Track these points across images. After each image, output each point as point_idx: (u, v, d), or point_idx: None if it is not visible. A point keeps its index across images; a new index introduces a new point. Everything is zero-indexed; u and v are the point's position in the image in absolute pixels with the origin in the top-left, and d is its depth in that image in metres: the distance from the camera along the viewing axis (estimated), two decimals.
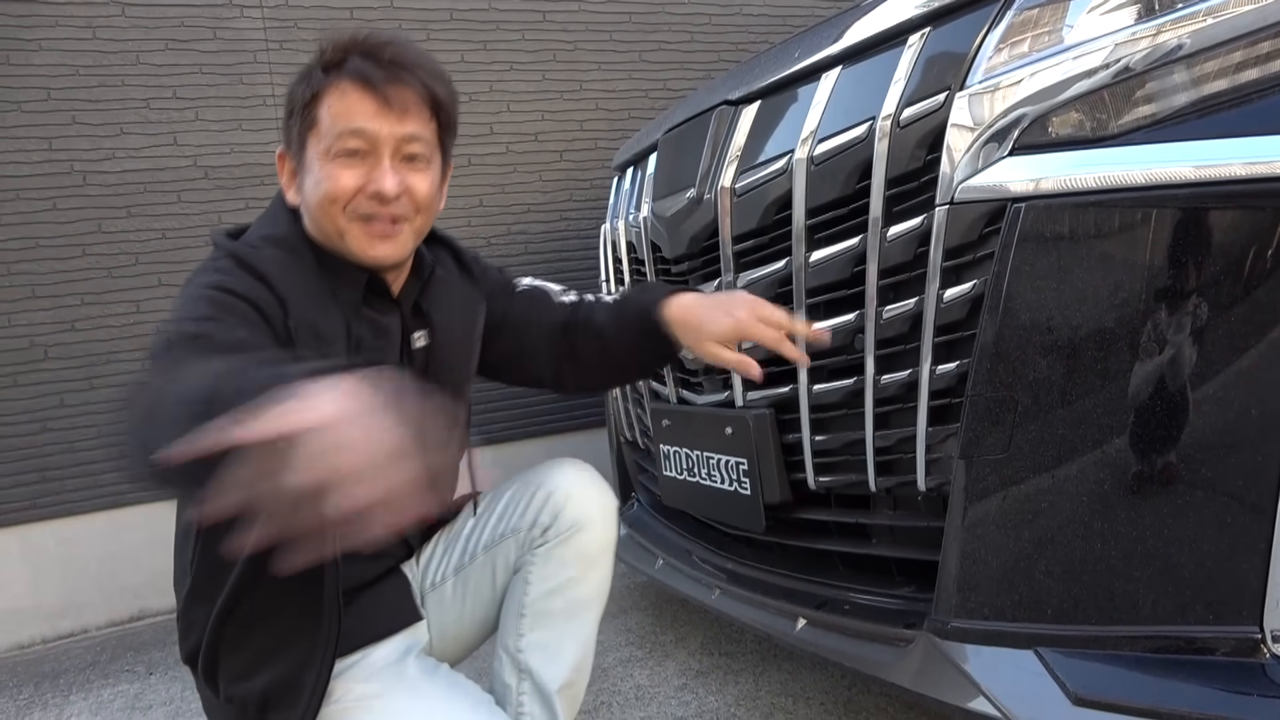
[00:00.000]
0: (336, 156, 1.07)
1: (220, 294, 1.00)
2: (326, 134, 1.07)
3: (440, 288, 1.26)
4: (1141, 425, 1.01)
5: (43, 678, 2.34)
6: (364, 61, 1.07)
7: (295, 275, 1.07)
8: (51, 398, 2.66)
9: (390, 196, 1.08)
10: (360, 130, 1.06)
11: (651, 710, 1.72)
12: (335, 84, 1.07)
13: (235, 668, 1.13)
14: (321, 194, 1.08)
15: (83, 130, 2.68)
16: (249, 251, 1.07)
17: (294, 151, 1.12)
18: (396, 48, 1.10)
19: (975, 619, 1.12)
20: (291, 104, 1.11)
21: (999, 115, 1.11)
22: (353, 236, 1.09)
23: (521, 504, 1.27)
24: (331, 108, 1.07)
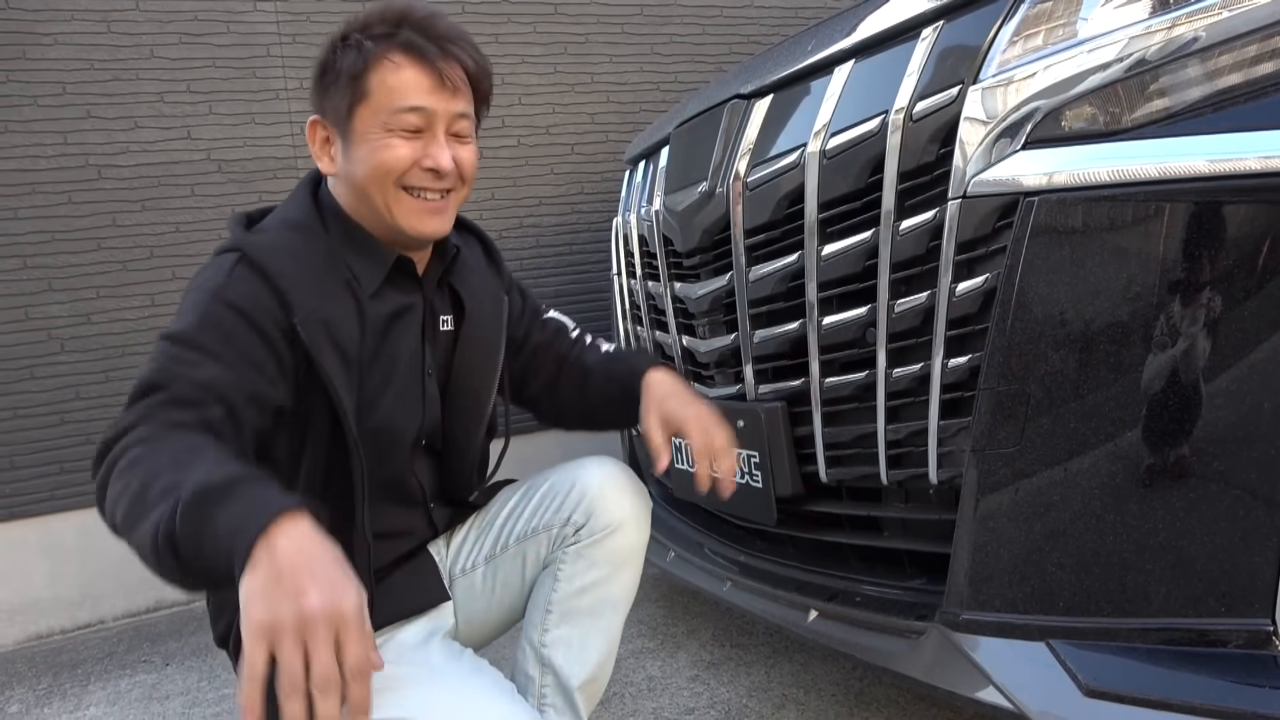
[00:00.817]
0: (394, 130, 1.08)
1: (214, 307, 1.01)
2: (382, 108, 1.07)
3: (467, 271, 1.27)
4: (1154, 418, 1.02)
5: (61, 668, 2.37)
6: (417, 35, 1.08)
7: (304, 262, 1.08)
8: (68, 390, 2.69)
9: (447, 172, 1.11)
10: (419, 107, 1.07)
11: (663, 701, 1.73)
12: (388, 56, 1.07)
13: None
14: (376, 165, 1.08)
15: (98, 124, 2.70)
16: (256, 244, 1.06)
17: (336, 121, 1.11)
18: (445, 22, 1.11)
19: (987, 611, 1.12)
20: (334, 73, 1.09)
21: (1012, 109, 1.11)
22: (403, 210, 1.11)
23: (557, 500, 1.27)
24: (387, 81, 1.07)
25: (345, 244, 1.13)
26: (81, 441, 2.70)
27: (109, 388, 2.72)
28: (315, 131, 1.14)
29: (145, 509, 0.83)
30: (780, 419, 1.48)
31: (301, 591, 0.72)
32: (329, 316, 1.06)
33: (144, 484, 0.85)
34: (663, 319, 1.87)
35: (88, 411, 2.70)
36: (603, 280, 3.30)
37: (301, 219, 1.13)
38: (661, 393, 1.23)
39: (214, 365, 0.98)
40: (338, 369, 1.06)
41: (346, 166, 1.11)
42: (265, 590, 0.73)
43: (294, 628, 0.72)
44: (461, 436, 1.26)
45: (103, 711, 2.02)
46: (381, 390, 1.14)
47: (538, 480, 1.32)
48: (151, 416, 0.93)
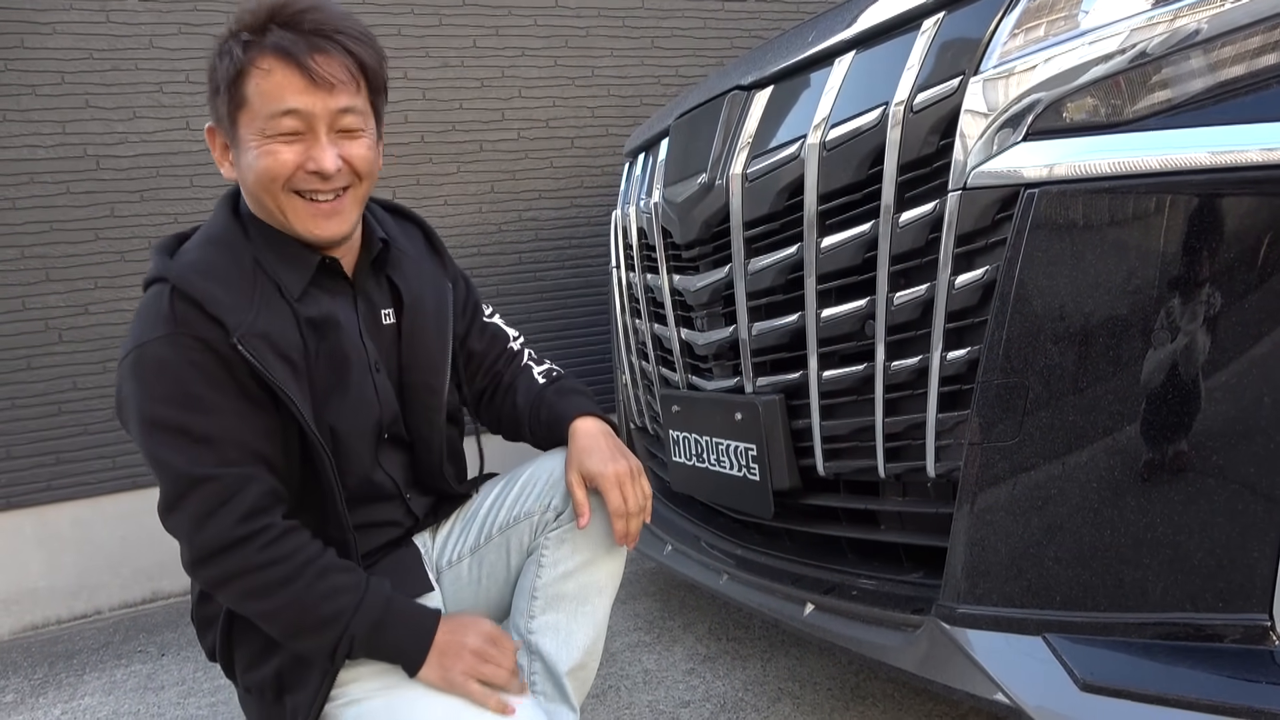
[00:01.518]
0: (272, 136, 1.05)
1: (180, 369, 1.02)
2: (258, 114, 1.05)
3: (406, 262, 1.27)
4: (1153, 413, 1.01)
5: (57, 658, 2.37)
6: (285, 32, 1.04)
7: (229, 279, 1.07)
8: (65, 380, 2.68)
9: (331, 173, 1.07)
10: (293, 110, 1.04)
11: (659, 694, 1.73)
12: (259, 59, 1.04)
13: (248, 656, 1.16)
14: (260, 172, 1.06)
15: (96, 114, 2.69)
16: (179, 272, 1.05)
17: (225, 128, 1.10)
18: (317, 13, 1.06)
19: (983, 605, 1.12)
20: (215, 80, 1.07)
21: (1013, 100, 1.10)
22: (295, 214, 1.09)
23: (537, 487, 1.28)
24: (259, 85, 1.04)
25: (267, 250, 1.12)
26: (79, 432, 2.69)
27: (106, 378, 2.72)
28: (214, 138, 1.12)
29: (312, 629, 1.05)
30: (778, 412, 1.47)
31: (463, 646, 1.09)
32: (265, 328, 1.06)
33: (303, 606, 1.05)
34: (661, 311, 1.87)
35: (85, 402, 2.70)
36: (602, 274, 3.29)
37: (221, 233, 1.12)
38: (583, 447, 1.23)
39: (225, 427, 1.03)
40: (287, 377, 1.07)
41: (240, 173, 1.11)
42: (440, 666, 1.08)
43: (473, 665, 1.08)
44: (423, 426, 1.27)
45: (98, 701, 2.02)
46: (332, 390, 1.15)
47: (519, 470, 1.32)
48: (240, 529, 1.02)
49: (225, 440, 1.03)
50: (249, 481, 1.04)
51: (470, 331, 1.39)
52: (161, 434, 1.02)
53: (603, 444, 1.24)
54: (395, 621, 1.08)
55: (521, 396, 1.36)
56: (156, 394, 1.02)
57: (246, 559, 1.02)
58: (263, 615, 1.06)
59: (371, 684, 1.11)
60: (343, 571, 1.08)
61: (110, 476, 2.73)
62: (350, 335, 1.18)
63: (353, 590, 1.07)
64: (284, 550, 1.04)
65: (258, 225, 1.13)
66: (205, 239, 1.13)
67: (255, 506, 1.03)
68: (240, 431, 1.05)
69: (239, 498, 1.03)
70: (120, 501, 2.75)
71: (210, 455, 1.03)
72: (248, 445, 1.05)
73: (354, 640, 1.06)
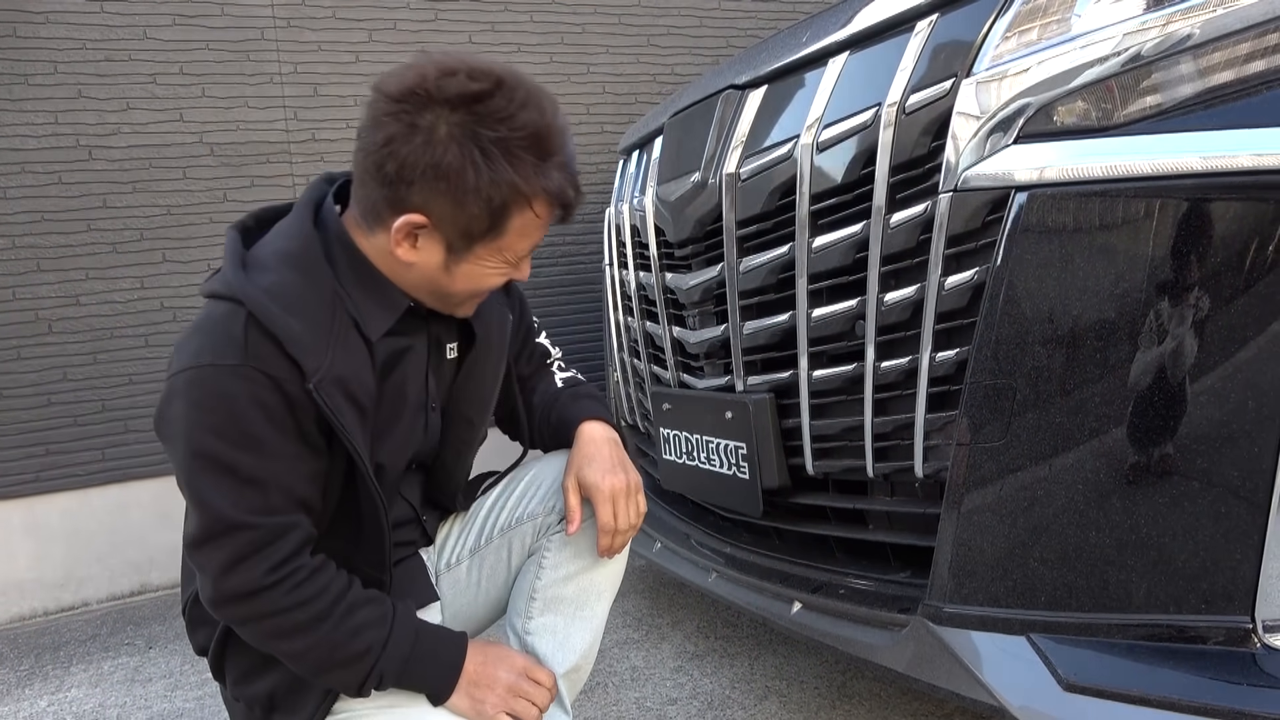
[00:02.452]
0: (509, 262, 1.06)
1: (242, 405, 0.96)
2: (510, 247, 1.04)
3: None
4: (1139, 416, 1.02)
5: (43, 650, 2.36)
6: (563, 177, 1.01)
7: (309, 314, 1.00)
8: (55, 371, 2.67)
9: None
10: (539, 243, 1.08)
11: (646, 691, 1.73)
12: (537, 203, 1.00)
13: (241, 670, 1.14)
14: (481, 287, 1.08)
15: (89, 104, 2.68)
16: (259, 300, 0.97)
17: (451, 237, 1.01)
18: (571, 145, 1.04)
19: (970, 604, 1.12)
20: (463, 189, 0.97)
21: (1005, 103, 1.11)
22: (469, 308, 1.14)
23: (541, 489, 1.27)
24: (525, 224, 1.02)
25: (351, 281, 1.05)
26: (69, 423, 2.68)
27: (97, 369, 2.71)
28: (409, 224, 1.00)
29: (340, 665, 1.04)
30: (768, 410, 1.48)
31: (496, 680, 1.11)
32: (342, 372, 1.01)
33: (331, 645, 1.02)
34: (653, 309, 1.87)
35: (75, 393, 2.69)
36: (596, 272, 3.29)
37: (302, 252, 1.03)
38: (585, 454, 1.21)
39: (275, 471, 0.98)
40: (355, 423, 1.02)
41: (434, 269, 1.04)
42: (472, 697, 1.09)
43: (504, 699, 1.10)
44: (450, 458, 1.25)
45: (84, 693, 2.02)
46: (387, 428, 1.11)
47: (520, 472, 1.31)
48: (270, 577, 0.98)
49: (274, 486, 0.98)
50: (288, 530, 0.99)
51: (521, 356, 1.37)
52: (207, 468, 0.96)
53: (605, 453, 1.21)
54: (424, 654, 1.07)
55: (537, 397, 1.35)
56: (209, 425, 0.95)
57: (273, 602, 0.99)
58: (289, 654, 1.03)
59: (372, 701, 1.10)
60: (368, 605, 1.05)
61: (100, 468, 2.72)
62: (416, 375, 1.14)
63: (380, 624, 1.05)
64: (311, 591, 1.01)
65: (348, 252, 1.05)
66: (284, 256, 1.03)
67: (290, 554, 1.00)
68: (290, 475, 1.00)
69: (274, 547, 0.98)
70: (109, 494, 2.74)
71: (256, 500, 0.97)
72: (294, 491, 1.00)
73: (383, 675, 1.05)
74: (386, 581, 1.12)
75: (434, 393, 1.18)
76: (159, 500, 2.76)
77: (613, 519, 1.17)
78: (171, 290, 2.79)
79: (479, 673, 1.10)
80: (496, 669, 1.11)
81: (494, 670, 1.10)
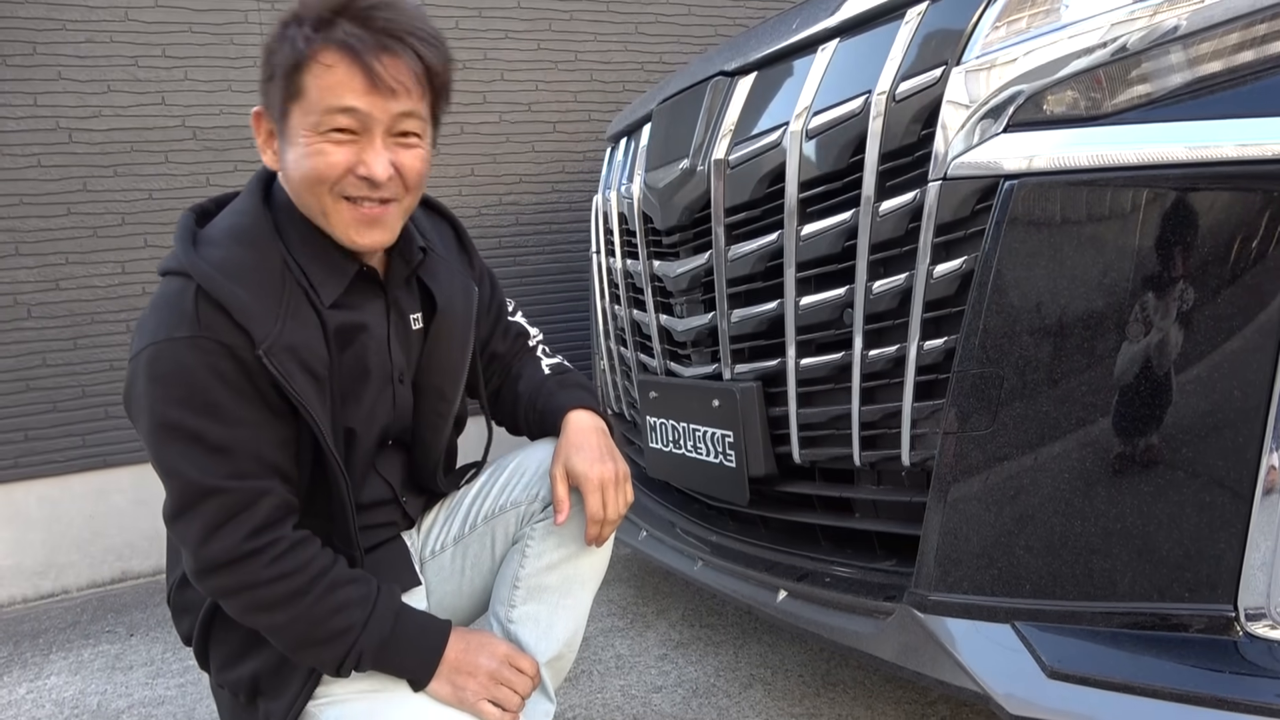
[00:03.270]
0: (325, 133, 1.00)
1: (199, 374, 0.98)
2: (313, 108, 1.00)
3: (439, 265, 1.23)
4: (1126, 405, 1.02)
5: (22, 637, 2.34)
6: (355, 28, 0.99)
7: (258, 283, 1.02)
8: (34, 357, 2.64)
9: (381, 181, 1.02)
10: (351, 109, 0.99)
11: (631, 679, 1.73)
12: (322, 52, 0.99)
13: (224, 655, 1.14)
14: (307, 171, 1.02)
15: (69, 86, 2.64)
16: (207, 273, 1.00)
17: (275, 117, 1.05)
18: (389, 11, 1.01)
19: (954, 593, 1.13)
20: (272, 66, 1.02)
21: (995, 92, 1.10)
22: (338, 219, 1.05)
23: (525, 477, 1.26)
24: (319, 79, 0.99)
25: (303, 251, 1.07)
26: (48, 409, 2.65)
27: (77, 355, 2.68)
28: (260, 124, 1.07)
29: (319, 642, 1.04)
30: (755, 399, 1.48)
31: (478, 667, 1.10)
32: (293, 341, 1.02)
33: (311, 620, 1.03)
34: (640, 298, 1.86)
35: (55, 379, 2.66)
36: (582, 260, 3.28)
37: (250, 226, 1.06)
38: (573, 442, 1.20)
39: (241, 437, 0.99)
40: (310, 391, 1.03)
41: (284, 166, 1.06)
42: (453, 684, 1.09)
43: (486, 686, 1.10)
44: (427, 432, 1.24)
45: (64, 681, 2.00)
46: (352, 401, 1.11)
47: (504, 460, 1.30)
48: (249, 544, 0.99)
49: (240, 451, 1.00)
50: (262, 495, 1.00)
51: (494, 333, 1.36)
52: (174, 439, 0.98)
53: (593, 441, 1.21)
54: (405, 637, 1.07)
55: (523, 384, 1.34)
56: (172, 397, 0.97)
57: (254, 573, 0.99)
58: (270, 628, 1.04)
59: (355, 685, 1.10)
60: (352, 584, 1.05)
61: (79, 455, 2.69)
62: (378, 346, 1.14)
63: (362, 604, 1.05)
64: (293, 564, 1.01)
65: (295, 222, 1.08)
66: (233, 231, 1.06)
67: (267, 520, 1.00)
68: (257, 442, 1.01)
69: (250, 511, 0.99)
70: (89, 480, 2.71)
71: (224, 466, 0.99)
72: (264, 457, 1.01)
73: (362, 655, 1.05)
74: (358, 558, 1.12)
75: (400, 364, 1.18)
76: (140, 486, 2.74)
77: (601, 508, 1.17)
78: (153, 275, 2.76)
79: (460, 659, 1.09)
80: (478, 656, 1.10)
81: (476, 657, 1.10)
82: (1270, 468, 0.97)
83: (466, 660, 1.09)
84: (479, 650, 1.11)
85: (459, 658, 1.09)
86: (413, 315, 1.20)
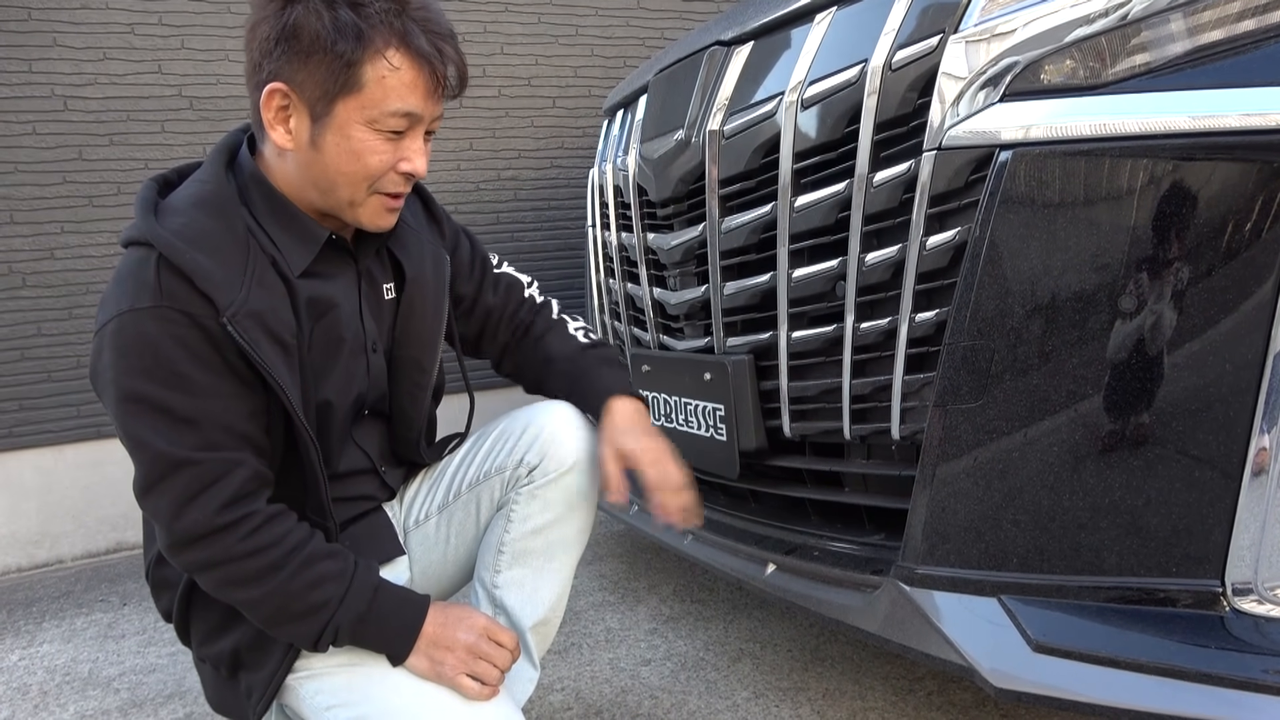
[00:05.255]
0: (381, 131, 1.02)
1: (164, 345, 0.96)
2: (373, 105, 1.00)
3: (408, 235, 1.22)
4: (1117, 381, 1.01)
5: (15, 605, 2.35)
6: (419, 30, 1.00)
7: (220, 250, 1.00)
8: (29, 326, 2.64)
9: (422, 176, 1.08)
10: (412, 113, 1.02)
11: (620, 652, 1.73)
12: (390, 51, 0.99)
13: (205, 629, 1.14)
14: (357, 165, 1.03)
15: (64, 53, 2.63)
16: (168, 240, 0.98)
17: (310, 99, 1.00)
18: (433, 11, 1.03)
19: (942, 566, 1.12)
20: (321, 47, 0.97)
21: (992, 60, 1.09)
22: (368, 210, 1.07)
23: (509, 443, 1.25)
24: (385, 78, 0.99)
25: (268, 218, 1.06)
26: (43, 378, 2.65)
27: (72, 324, 2.67)
28: (274, 99, 1.01)
29: (296, 618, 1.03)
30: (747, 372, 1.47)
31: (456, 641, 1.08)
32: (257, 307, 1.00)
33: (287, 595, 1.02)
34: (634, 270, 1.85)
35: (50, 348, 2.66)
36: (579, 236, 3.27)
37: (213, 194, 1.04)
38: (620, 425, 1.22)
39: (209, 408, 0.98)
40: (277, 360, 1.02)
41: (311, 150, 1.03)
42: (431, 658, 1.08)
43: (465, 660, 1.08)
44: (406, 403, 1.23)
45: (57, 649, 2.00)
46: (325, 371, 1.11)
47: (488, 428, 1.30)
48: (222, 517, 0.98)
49: (209, 422, 0.98)
50: (234, 467, 0.99)
51: (483, 288, 1.35)
52: (141, 411, 0.96)
53: (640, 422, 1.23)
54: (382, 612, 1.06)
55: (556, 349, 1.33)
56: (137, 368, 0.96)
57: (228, 548, 0.99)
58: (245, 603, 1.03)
59: (334, 659, 1.09)
60: (329, 558, 1.05)
61: (74, 424, 2.69)
62: (349, 315, 1.13)
63: (338, 579, 1.04)
64: (268, 538, 1.00)
65: (262, 191, 1.07)
66: (196, 199, 1.04)
67: (239, 493, 0.99)
68: (226, 414, 1.00)
69: (222, 483, 0.98)
70: (84, 450, 2.71)
71: (193, 437, 0.97)
72: (233, 428, 1.00)
73: (339, 630, 1.04)
74: (332, 529, 1.11)
75: (373, 333, 1.17)
76: None
77: (664, 478, 1.18)
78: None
79: (438, 634, 1.08)
80: (456, 630, 1.09)
81: (453, 632, 1.09)
82: (1260, 448, 0.96)
83: (445, 635, 1.08)
84: (457, 624, 1.10)
85: (437, 632, 1.08)
86: (385, 285, 1.20)
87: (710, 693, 1.54)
